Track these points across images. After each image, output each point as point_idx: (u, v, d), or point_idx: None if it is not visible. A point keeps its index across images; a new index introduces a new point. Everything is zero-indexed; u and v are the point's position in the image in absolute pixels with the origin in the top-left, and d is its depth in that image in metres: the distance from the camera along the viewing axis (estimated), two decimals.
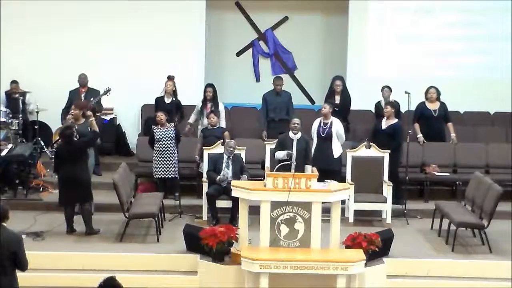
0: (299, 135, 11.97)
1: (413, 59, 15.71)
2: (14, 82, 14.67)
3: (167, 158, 12.49)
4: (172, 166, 12.51)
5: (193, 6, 15.39)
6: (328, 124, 12.62)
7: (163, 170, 12.52)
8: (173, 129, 12.59)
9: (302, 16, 16.76)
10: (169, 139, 12.52)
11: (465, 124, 14.84)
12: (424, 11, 15.74)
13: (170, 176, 12.54)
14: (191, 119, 13.67)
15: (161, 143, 12.51)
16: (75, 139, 11.32)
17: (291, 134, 11.97)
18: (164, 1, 15.22)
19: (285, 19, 16.92)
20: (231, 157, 11.99)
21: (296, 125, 11.96)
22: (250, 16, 16.91)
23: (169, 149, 12.51)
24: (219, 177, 11.90)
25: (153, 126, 12.70)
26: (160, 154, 12.53)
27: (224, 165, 11.95)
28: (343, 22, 16.02)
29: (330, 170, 12.03)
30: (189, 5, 15.31)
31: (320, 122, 12.69)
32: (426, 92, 13.76)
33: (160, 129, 12.58)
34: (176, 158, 12.58)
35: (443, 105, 13.77)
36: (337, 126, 12.64)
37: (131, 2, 15.16)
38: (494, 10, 15.67)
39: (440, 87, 13.86)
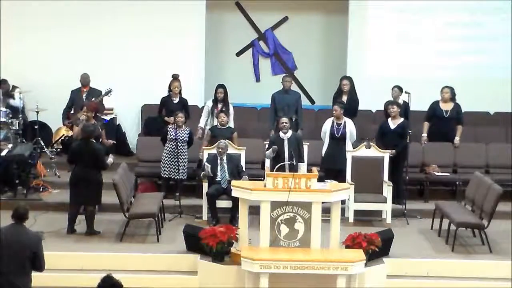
0: (289, 134, 11.97)
1: (413, 59, 15.70)
2: (3, 81, 14.63)
3: (179, 159, 12.43)
4: (182, 167, 12.48)
5: (193, 6, 15.38)
6: (342, 125, 12.65)
7: (172, 170, 12.50)
8: (187, 131, 12.57)
9: (302, 16, 16.76)
10: (182, 141, 12.51)
11: (465, 124, 14.82)
12: (424, 11, 15.74)
13: (180, 177, 12.49)
14: (202, 123, 13.57)
15: (173, 144, 12.46)
16: (94, 141, 11.34)
17: (281, 134, 11.97)
18: (164, 1, 15.22)
19: (285, 19, 16.92)
20: (224, 158, 11.98)
21: (284, 124, 11.97)
22: (250, 16, 16.91)
23: (181, 151, 12.48)
24: (203, 172, 11.95)
25: (169, 126, 12.69)
26: (170, 155, 12.50)
27: (219, 166, 11.95)
28: (343, 22, 16.02)
29: (344, 170, 12.11)
30: (189, 5, 15.31)
31: (333, 123, 12.68)
32: (441, 92, 13.73)
33: (176, 130, 12.56)
34: (186, 159, 12.57)
35: (456, 106, 13.69)
36: (350, 126, 12.70)
37: (131, 2, 15.16)
38: (494, 10, 15.67)
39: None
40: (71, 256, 10.34)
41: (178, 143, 12.48)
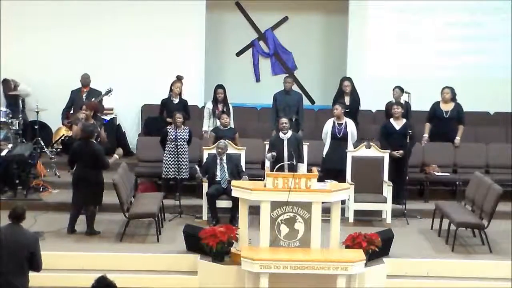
0: (289, 134, 11.98)
1: (413, 59, 15.70)
2: (4, 80, 14.66)
3: (181, 158, 12.44)
4: (184, 166, 12.49)
5: (193, 6, 15.38)
6: (343, 125, 12.66)
7: (175, 170, 12.49)
8: (187, 131, 12.58)
9: (302, 16, 16.77)
10: (182, 140, 12.52)
11: (465, 124, 14.82)
12: (424, 11, 15.74)
13: (182, 177, 12.49)
14: (205, 126, 13.59)
15: (174, 144, 12.46)
16: (94, 141, 11.35)
17: (281, 134, 11.98)
18: (164, 1, 15.22)
19: (285, 19, 16.93)
20: (223, 158, 11.98)
21: (284, 124, 11.98)
22: (250, 16, 16.91)
23: (183, 150, 12.49)
24: (196, 175, 12.03)
25: (168, 126, 12.70)
26: (172, 155, 12.50)
27: (218, 166, 11.95)
28: (343, 22, 16.02)
29: (345, 170, 12.13)
30: (189, 5, 15.31)
31: (334, 123, 12.70)
32: (441, 93, 13.72)
33: (175, 130, 12.56)
34: (187, 159, 12.57)
35: (457, 106, 13.68)
36: (351, 127, 12.70)
37: (131, 2, 15.17)
38: (494, 10, 15.67)
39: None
40: (71, 256, 10.34)
41: (179, 142, 12.48)
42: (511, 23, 15.52)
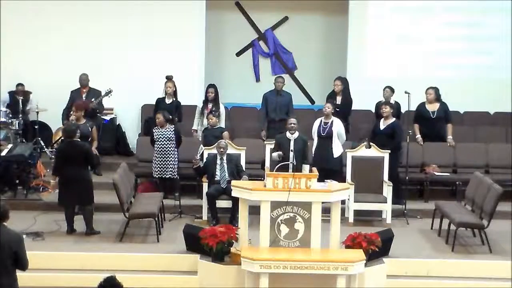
0: (296, 134, 11.97)
1: (413, 59, 15.71)
2: (20, 84, 14.67)
3: (165, 158, 12.50)
4: (170, 167, 12.51)
5: (193, 6, 15.39)
6: (329, 124, 12.65)
7: (161, 170, 12.53)
8: (172, 130, 12.59)
9: (302, 16, 16.78)
10: (166, 140, 12.52)
11: (465, 124, 14.83)
12: (424, 11, 15.74)
13: (168, 176, 12.54)
14: (195, 125, 13.63)
15: (159, 143, 12.53)
16: (79, 140, 11.34)
17: (288, 134, 11.98)
18: (164, 1, 15.22)
19: (285, 19, 16.94)
20: (224, 158, 11.99)
21: (292, 125, 11.97)
22: (250, 16, 16.92)
23: (167, 150, 12.51)
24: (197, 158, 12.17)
25: (154, 127, 12.74)
26: (158, 154, 12.56)
27: (218, 166, 11.95)
28: (343, 22, 16.03)
29: (331, 170, 12.08)
30: (189, 5, 15.32)
31: (321, 121, 12.72)
32: (425, 93, 13.74)
33: (159, 129, 12.59)
34: (176, 158, 12.58)
35: (443, 106, 13.71)
36: (338, 126, 12.66)
37: (130, 2, 15.16)
38: (494, 10, 15.68)
39: (440, 87, 13.83)
40: (71, 256, 10.33)
41: (163, 141, 12.50)
42: (511, 23, 15.52)
